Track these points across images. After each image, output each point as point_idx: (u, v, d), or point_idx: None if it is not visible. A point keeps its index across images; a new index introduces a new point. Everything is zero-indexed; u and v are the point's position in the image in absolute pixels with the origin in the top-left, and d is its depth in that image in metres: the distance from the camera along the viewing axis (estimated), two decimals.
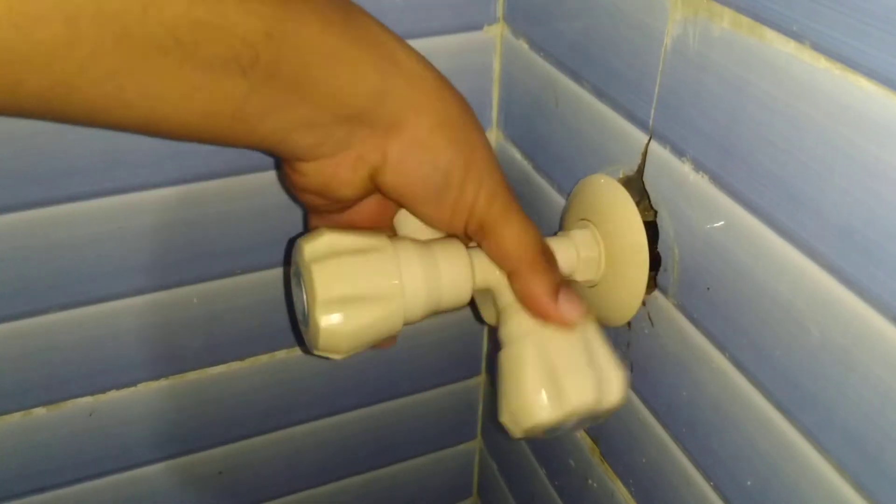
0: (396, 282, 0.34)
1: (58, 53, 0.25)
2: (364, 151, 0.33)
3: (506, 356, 0.36)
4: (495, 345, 0.61)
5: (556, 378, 0.34)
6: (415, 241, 0.36)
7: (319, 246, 0.34)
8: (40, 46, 0.24)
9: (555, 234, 0.41)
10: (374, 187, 0.34)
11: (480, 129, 0.35)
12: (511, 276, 0.35)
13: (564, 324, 0.35)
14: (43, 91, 0.26)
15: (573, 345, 0.35)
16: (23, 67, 0.25)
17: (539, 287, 0.34)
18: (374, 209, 0.38)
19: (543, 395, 0.34)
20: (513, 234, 0.34)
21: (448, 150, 0.33)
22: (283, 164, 0.35)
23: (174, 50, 0.26)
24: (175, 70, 0.27)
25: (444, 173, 0.33)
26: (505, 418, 0.35)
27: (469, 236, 0.36)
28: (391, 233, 0.39)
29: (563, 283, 0.35)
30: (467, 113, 0.35)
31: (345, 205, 0.36)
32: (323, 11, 0.30)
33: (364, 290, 0.34)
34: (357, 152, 0.33)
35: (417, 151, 0.33)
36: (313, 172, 0.34)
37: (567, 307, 0.35)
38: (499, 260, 0.35)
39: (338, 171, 0.33)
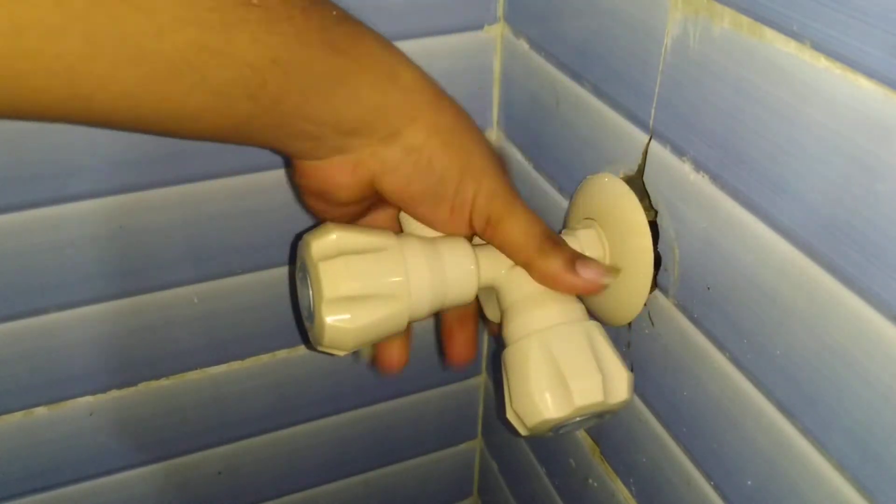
0: (402, 280, 0.34)
1: (77, 67, 0.26)
2: (362, 157, 0.34)
3: (511, 354, 0.36)
4: (497, 344, 0.61)
5: (562, 377, 0.34)
6: (420, 238, 0.36)
7: (326, 244, 0.34)
8: (61, 59, 0.26)
9: (559, 233, 0.42)
10: (373, 192, 0.36)
11: (477, 134, 0.37)
12: (527, 267, 0.36)
13: (591, 289, 0.36)
14: (63, 101, 0.27)
15: (578, 344, 0.35)
16: (45, 77, 0.26)
17: (555, 265, 0.35)
18: (385, 222, 0.39)
19: (548, 395, 0.34)
20: (518, 225, 0.36)
21: (443, 155, 0.35)
22: (290, 163, 0.37)
23: (187, 73, 0.28)
24: (186, 93, 0.29)
25: (440, 177, 0.35)
26: (511, 415, 0.36)
27: (477, 234, 0.37)
28: (398, 229, 0.39)
29: (578, 255, 0.36)
30: (463, 119, 0.36)
31: (348, 210, 0.37)
32: (328, 36, 0.31)
33: (370, 288, 0.34)
34: (356, 158, 0.34)
35: (414, 157, 0.34)
36: (312, 172, 0.35)
37: (588, 273, 0.36)
38: (509, 252, 0.36)
39: (336, 173, 0.35)
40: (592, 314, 0.42)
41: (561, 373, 0.34)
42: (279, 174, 0.48)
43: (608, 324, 0.42)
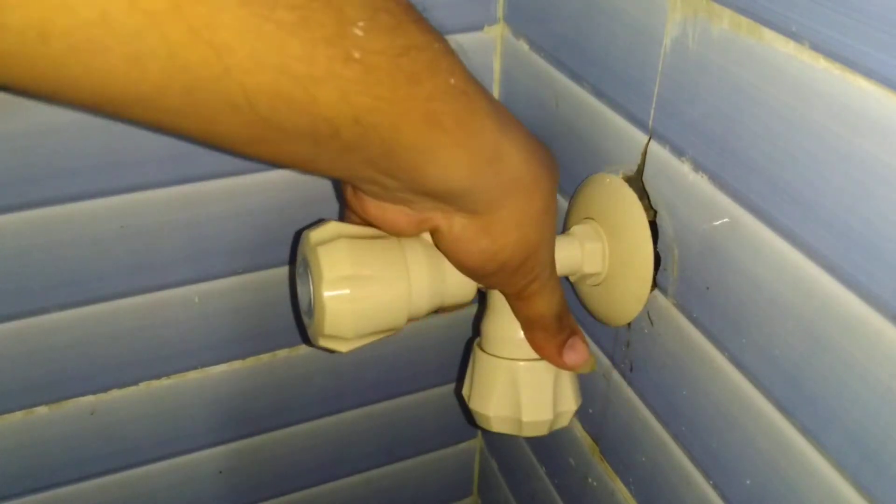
0: (401, 266, 0.35)
1: (117, 84, 0.22)
2: (430, 216, 0.32)
3: (482, 360, 0.40)
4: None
5: (518, 408, 0.39)
6: (419, 238, 0.37)
7: (325, 231, 0.35)
8: (97, 73, 0.22)
9: (559, 233, 0.42)
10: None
11: (552, 220, 0.34)
12: (526, 330, 0.38)
13: (569, 369, 0.39)
14: (101, 104, 0.24)
15: (542, 384, 0.39)
16: (78, 84, 0.22)
17: (547, 347, 0.38)
18: None
19: (501, 420, 0.39)
20: (540, 306, 0.37)
21: (512, 246, 0.33)
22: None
23: (246, 110, 0.24)
24: (243, 125, 0.25)
25: (501, 264, 0.33)
26: (468, 401, 0.41)
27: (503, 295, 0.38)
28: None
29: (570, 335, 0.39)
30: (548, 206, 0.33)
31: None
32: (433, 110, 0.27)
33: (370, 270, 0.34)
34: (424, 215, 0.32)
35: (483, 238, 0.32)
36: (371, 209, 0.33)
37: (571, 357, 0.38)
38: (520, 319, 0.38)
39: (398, 218, 0.33)
40: (592, 314, 0.43)
41: (518, 404, 0.39)
42: (279, 174, 0.48)
43: (608, 323, 0.42)
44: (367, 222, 0.34)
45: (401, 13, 0.25)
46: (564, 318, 0.38)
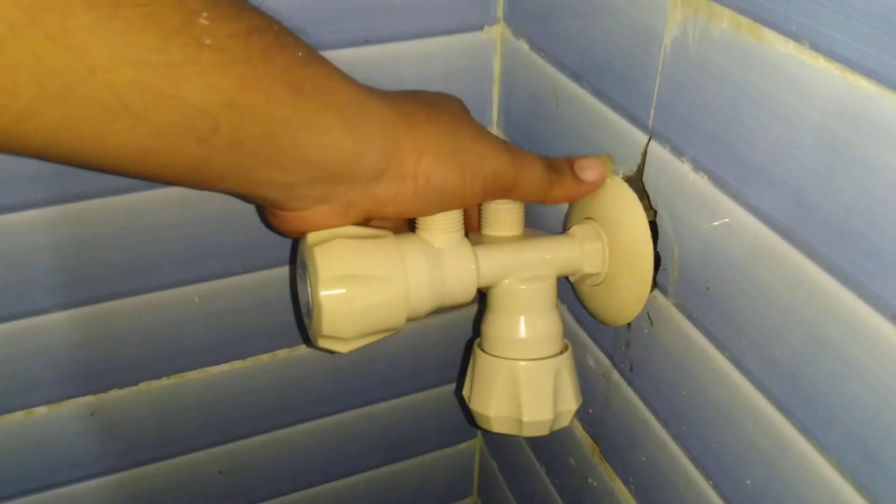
0: (398, 265, 0.35)
1: None
2: (352, 200, 0.33)
3: (482, 360, 0.40)
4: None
5: (518, 408, 0.38)
6: (417, 237, 0.37)
7: (322, 232, 0.35)
8: None
9: (560, 233, 0.42)
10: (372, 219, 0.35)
11: (458, 121, 0.36)
12: (544, 202, 0.39)
13: (600, 184, 0.39)
14: None
15: (543, 383, 0.38)
16: None
17: (566, 191, 0.39)
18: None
19: (501, 420, 0.39)
20: (527, 182, 0.37)
21: (439, 167, 0.34)
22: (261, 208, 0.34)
23: (122, 115, 0.25)
24: (126, 133, 0.26)
25: (443, 189, 0.34)
26: (468, 402, 0.41)
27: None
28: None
29: (577, 166, 0.39)
30: (443, 119, 0.35)
31: None
32: (291, 79, 0.29)
33: (367, 269, 0.34)
34: (345, 203, 0.33)
35: (410, 183, 0.33)
36: (296, 222, 0.34)
37: (588, 175, 0.39)
38: (525, 201, 0.39)
39: (325, 220, 0.33)
40: (592, 314, 0.43)
41: (518, 404, 0.38)
42: None
43: (608, 323, 0.42)
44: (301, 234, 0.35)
45: (238, 2, 0.28)
46: (555, 167, 0.38)
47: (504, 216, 0.40)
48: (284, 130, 0.29)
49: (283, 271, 0.52)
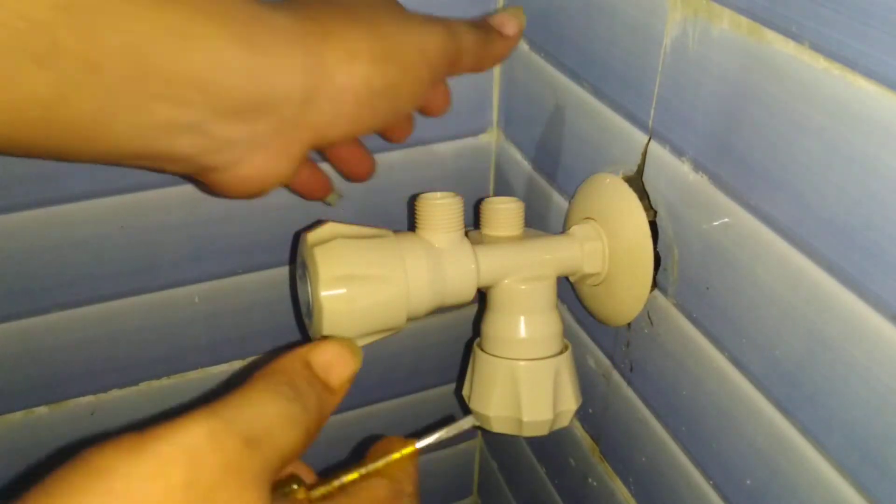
0: (399, 265, 0.35)
1: None
2: (287, 137, 0.29)
3: (482, 360, 0.40)
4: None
5: (518, 408, 0.38)
6: (418, 237, 0.37)
7: (322, 232, 0.35)
8: None
9: (560, 233, 0.42)
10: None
11: (389, 15, 0.31)
12: (484, 63, 0.37)
13: (518, 39, 0.38)
14: None
15: (542, 383, 0.38)
16: None
17: (497, 54, 0.37)
18: (305, 179, 0.37)
19: (501, 420, 0.39)
20: (468, 52, 0.35)
21: (378, 73, 0.30)
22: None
23: None
24: None
25: (387, 95, 0.31)
26: (468, 401, 0.41)
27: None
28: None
29: (492, 21, 0.37)
30: (368, 14, 0.30)
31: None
32: None
33: (367, 269, 0.34)
34: (280, 142, 0.28)
35: (348, 99, 0.29)
36: (236, 183, 0.29)
37: (510, 29, 0.38)
38: (465, 71, 0.37)
39: (266, 170, 0.29)
40: (592, 314, 0.43)
41: (518, 404, 0.38)
42: None
43: (608, 323, 0.42)
44: (257, 194, 0.31)
45: None
46: (460, 26, 0.35)
47: (504, 216, 0.40)
48: (151, 43, 0.23)
49: (283, 271, 0.52)
